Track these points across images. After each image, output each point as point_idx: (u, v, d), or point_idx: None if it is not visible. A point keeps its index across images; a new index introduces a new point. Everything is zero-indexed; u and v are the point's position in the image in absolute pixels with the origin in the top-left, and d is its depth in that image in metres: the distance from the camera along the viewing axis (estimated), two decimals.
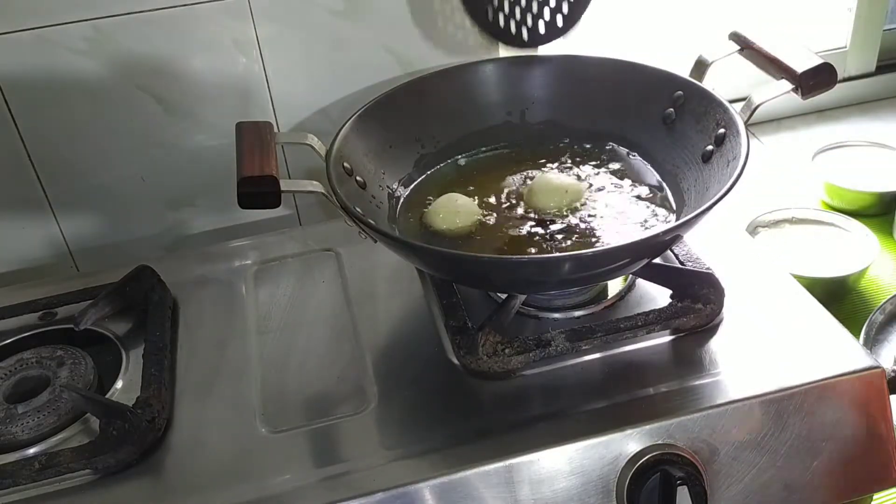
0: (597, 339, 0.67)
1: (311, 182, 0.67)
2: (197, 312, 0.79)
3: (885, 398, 0.64)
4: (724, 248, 0.77)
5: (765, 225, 1.01)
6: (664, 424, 0.61)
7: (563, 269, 0.63)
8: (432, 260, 0.68)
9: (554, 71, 0.86)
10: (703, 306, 0.69)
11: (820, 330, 0.68)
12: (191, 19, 0.85)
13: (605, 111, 0.84)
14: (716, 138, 0.72)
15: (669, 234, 0.62)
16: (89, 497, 0.62)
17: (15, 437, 0.66)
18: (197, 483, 0.62)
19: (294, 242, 0.88)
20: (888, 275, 0.98)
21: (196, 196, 0.95)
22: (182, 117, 0.90)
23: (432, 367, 0.69)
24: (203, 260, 0.87)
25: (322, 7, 0.88)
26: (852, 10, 1.25)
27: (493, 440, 0.61)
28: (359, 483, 0.59)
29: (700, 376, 0.65)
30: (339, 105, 0.93)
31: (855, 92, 1.30)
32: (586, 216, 0.76)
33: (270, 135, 0.71)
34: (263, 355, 0.73)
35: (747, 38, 0.76)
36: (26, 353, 0.74)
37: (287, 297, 0.80)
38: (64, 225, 0.92)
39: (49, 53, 0.83)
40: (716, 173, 0.70)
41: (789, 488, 0.63)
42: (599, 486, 0.60)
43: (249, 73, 0.89)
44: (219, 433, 0.66)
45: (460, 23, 0.92)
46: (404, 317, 0.76)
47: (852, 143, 1.15)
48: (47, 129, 0.86)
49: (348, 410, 0.66)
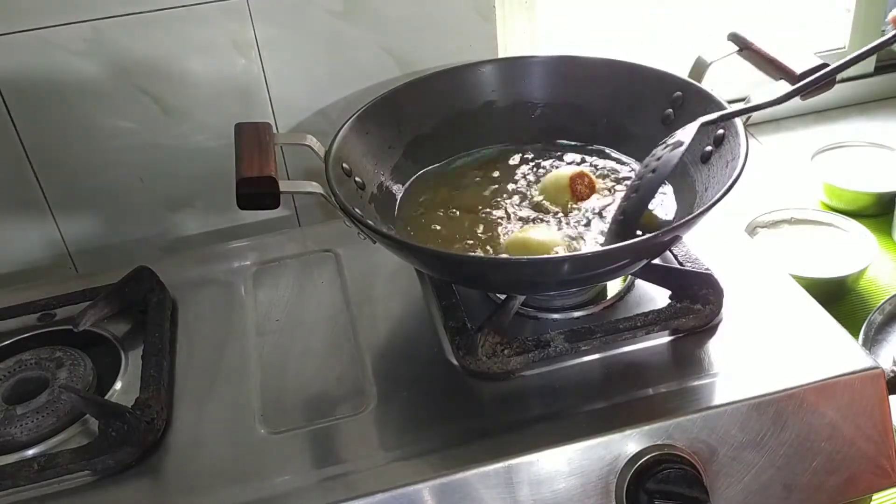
0: (596, 340, 0.67)
1: (310, 183, 0.67)
2: (196, 313, 0.79)
3: (884, 398, 0.64)
4: (723, 249, 0.77)
5: (764, 225, 1.01)
6: (664, 425, 0.61)
7: (562, 270, 0.63)
8: (431, 260, 0.68)
9: (553, 71, 0.86)
10: (702, 307, 0.69)
11: (819, 330, 0.68)
12: (190, 20, 0.85)
13: (605, 111, 0.84)
14: (715, 139, 0.72)
15: (668, 234, 0.62)
16: (88, 498, 0.62)
17: (14, 439, 0.66)
18: (196, 484, 0.62)
19: (293, 243, 0.88)
20: (887, 275, 0.98)
21: (195, 197, 0.95)
22: (181, 118, 0.90)
23: (431, 367, 0.69)
24: (202, 261, 0.87)
25: (321, 8, 0.88)
26: (851, 11, 1.25)
27: (492, 441, 0.61)
28: (358, 484, 0.59)
29: (699, 377, 0.65)
30: (337, 106, 0.93)
31: (854, 92, 1.30)
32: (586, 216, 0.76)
33: (269, 136, 0.71)
34: (262, 356, 0.73)
35: (746, 38, 0.76)
36: (25, 355, 0.74)
37: (286, 297, 0.80)
38: (63, 226, 0.92)
39: (48, 54, 0.83)
40: (715, 174, 0.71)
41: (789, 488, 0.63)
42: (599, 486, 0.60)
43: (248, 74, 0.89)
44: (218, 434, 0.66)
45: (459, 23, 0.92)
46: (403, 317, 0.76)
47: (851, 143, 1.15)
48: (46, 130, 0.86)
49: (347, 411, 0.66)
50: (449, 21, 0.92)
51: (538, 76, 0.86)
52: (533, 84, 0.87)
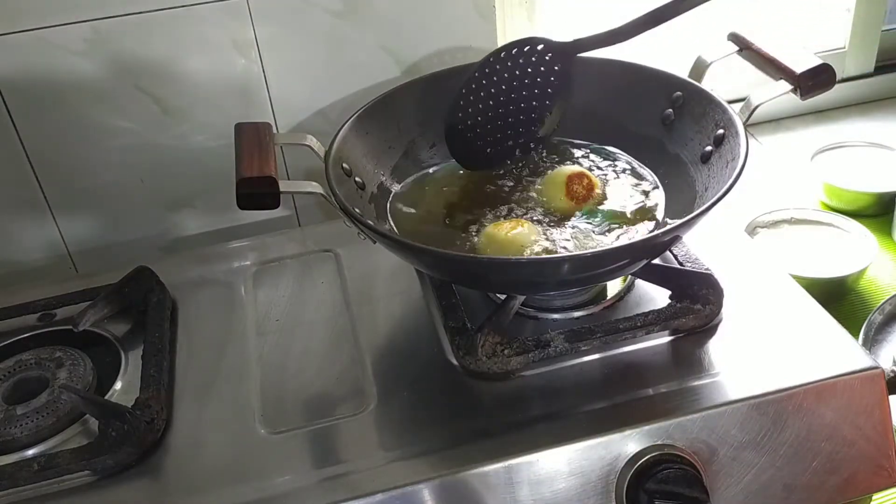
0: (596, 340, 0.67)
1: (310, 183, 0.67)
2: (196, 313, 0.79)
3: (884, 398, 0.64)
4: (723, 249, 0.77)
5: (764, 225, 1.01)
6: (663, 425, 0.61)
7: (562, 270, 0.63)
8: (431, 260, 0.68)
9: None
10: (702, 307, 0.69)
11: (819, 330, 0.68)
12: (190, 20, 0.85)
13: (604, 111, 0.84)
14: (715, 139, 0.72)
15: (668, 234, 0.62)
16: (88, 498, 0.62)
17: (14, 439, 0.66)
18: (196, 484, 0.62)
19: (293, 243, 0.88)
20: (887, 275, 0.99)
21: (195, 197, 0.95)
22: (181, 118, 0.90)
23: (431, 367, 0.69)
24: (202, 261, 0.87)
25: (321, 8, 0.88)
26: (851, 11, 1.25)
27: (492, 441, 0.61)
28: (358, 484, 0.59)
29: (699, 377, 0.65)
30: (337, 106, 0.93)
31: (854, 92, 1.30)
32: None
33: (269, 136, 0.71)
34: (262, 356, 0.73)
35: (746, 38, 0.76)
36: (25, 355, 0.74)
37: (286, 297, 0.80)
38: (63, 226, 0.92)
39: (48, 54, 0.83)
40: (715, 174, 0.70)
41: (789, 488, 0.63)
42: (599, 486, 0.60)
43: (248, 74, 0.89)
44: (218, 434, 0.66)
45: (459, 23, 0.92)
46: (403, 317, 0.76)
47: (851, 143, 1.15)
48: (46, 130, 0.86)
49: (347, 411, 0.66)
50: (449, 21, 0.92)
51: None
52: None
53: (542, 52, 0.78)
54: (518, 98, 0.80)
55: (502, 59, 0.79)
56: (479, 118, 0.81)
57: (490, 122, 0.81)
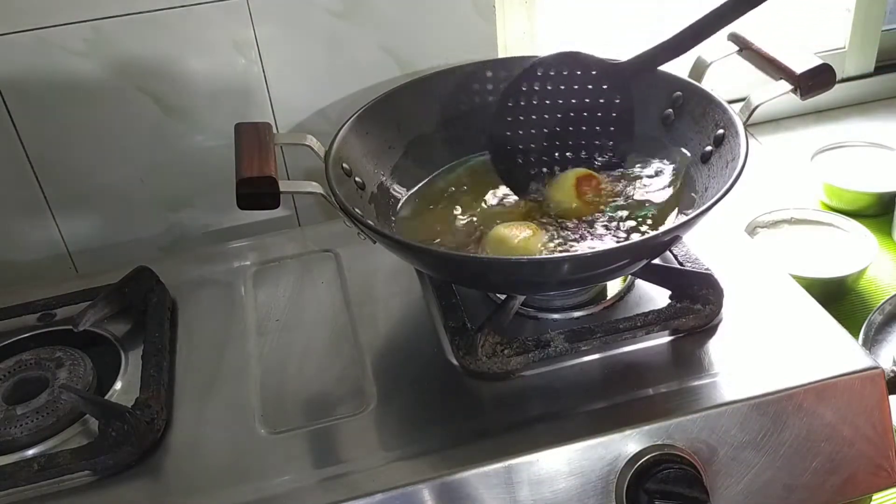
0: (596, 340, 0.67)
1: (310, 183, 0.67)
2: (196, 313, 0.79)
3: (884, 398, 0.64)
4: (723, 249, 0.77)
5: (764, 225, 1.01)
6: (663, 425, 0.61)
7: (562, 270, 0.63)
8: (431, 261, 0.68)
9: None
10: (702, 307, 0.69)
11: (819, 330, 0.68)
12: (190, 20, 0.85)
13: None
14: (715, 139, 0.72)
15: (668, 234, 0.62)
16: (88, 498, 0.62)
17: (14, 439, 0.66)
18: (196, 484, 0.62)
19: (293, 243, 0.88)
20: (887, 275, 0.99)
21: (195, 197, 0.95)
22: (181, 118, 0.90)
23: (431, 367, 0.69)
24: (202, 261, 0.87)
25: (321, 8, 0.88)
26: (851, 11, 1.25)
27: (492, 441, 0.61)
28: (358, 484, 0.59)
29: (699, 377, 0.65)
30: (337, 106, 0.93)
31: (854, 92, 1.30)
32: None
33: (269, 136, 0.71)
34: (262, 356, 0.73)
35: (746, 38, 0.76)
36: (25, 355, 0.74)
37: (286, 298, 0.80)
38: (63, 226, 0.92)
39: (48, 54, 0.83)
40: (715, 174, 0.70)
41: (789, 488, 0.63)
42: (599, 486, 0.60)
43: (248, 74, 0.89)
44: (218, 434, 0.66)
45: (459, 23, 0.92)
46: (403, 317, 0.76)
47: (851, 143, 1.15)
48: (46, 130, 0.86)
49: (347, 411, 0.66)
50: (449, 21, 0.92)
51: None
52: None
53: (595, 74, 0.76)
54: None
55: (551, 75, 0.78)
56: (528, 141, 0.80)
57: (535, 141, 0.80)
